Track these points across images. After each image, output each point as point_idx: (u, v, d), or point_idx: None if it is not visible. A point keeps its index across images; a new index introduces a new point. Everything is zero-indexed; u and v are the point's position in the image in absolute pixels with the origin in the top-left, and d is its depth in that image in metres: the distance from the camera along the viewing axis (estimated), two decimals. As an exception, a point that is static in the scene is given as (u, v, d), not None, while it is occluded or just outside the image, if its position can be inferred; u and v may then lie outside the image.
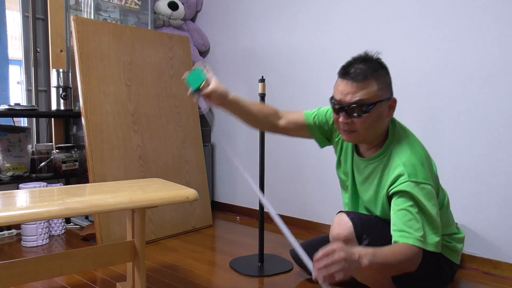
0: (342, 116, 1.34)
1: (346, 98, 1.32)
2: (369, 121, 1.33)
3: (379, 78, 1.33)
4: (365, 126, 1.34)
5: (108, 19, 3.05)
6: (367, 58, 1.36)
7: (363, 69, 1.31)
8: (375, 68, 1.33)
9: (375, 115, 1.33)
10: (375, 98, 1.31)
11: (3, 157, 2.50)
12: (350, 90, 1.31)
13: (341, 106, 1.34)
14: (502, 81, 1.98)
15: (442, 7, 2.15)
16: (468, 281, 1.95)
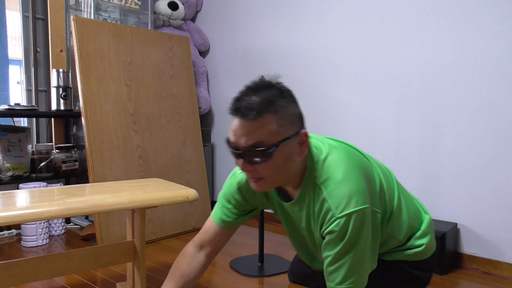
0: (241, 163, 1.05)
1: (241, 142, 1.03)
2: (274, 166, 1.04)
3: (279, 111, 1.02)
4: (270, 173, 1.05)
5: (108, 19, 3.05)
6: (262, 86, 1.05)
7: (256, 102, 1.01)
8: (272, 99, 1.02)
9: (281, 158, 1.04)
10: (277, 137, 1.02)
11: (3, 157, 2.50)
12: (243, 131, 1.02)
13: (237, 151, 1.05)
14: (502, 81, 1.98)
15: (442, 8, 2.15)
16: (468, 281, 1.95)
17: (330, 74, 2.63)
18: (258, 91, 1.04)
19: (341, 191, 1.05)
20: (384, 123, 2.39)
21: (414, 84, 2.27)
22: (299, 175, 1.13)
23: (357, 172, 1.09)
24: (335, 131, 2.60)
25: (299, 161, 1.10)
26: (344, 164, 1.09)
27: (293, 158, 1.07)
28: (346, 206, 1.04)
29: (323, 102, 2.66)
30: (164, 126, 2.72)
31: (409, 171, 2.29)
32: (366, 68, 2.45)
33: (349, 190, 1.05)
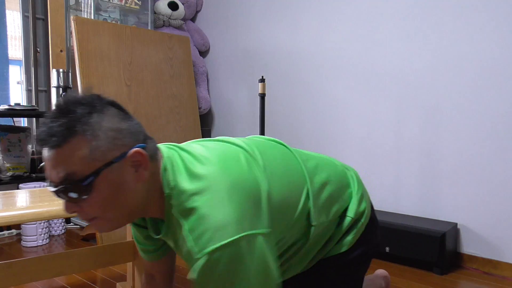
0: (64, 204, 0.80)
1: (52, 176, 0.78)
2: (101, 201, 0.78)
3: (90, 131, 0.76)
4: (100, 210, 0.80)
5: (108, 19, 3.05)
6: (68, 105, 0.78)
7: (58, 125, 0.76)
8: (79, 117, 0.77)
9: (108, 189, 0.78)
10: (94, 164, 0.76)
11: (3, 157, 2.50)
12: (51, 163, 0.77)
13: (52, 189, 0.80)
14: (502, 81, 1.98)
15: (442, 8, 2.15)
16: (468, 281, 1.95)
17: (330, 74, 2.63)
18: (62, 111, 0.78)
19: (203, 225, 0.78)
20: (384, 123, 2.39)
21: (414, 84, 2.27)
22: (156, 204, 0.86)
23: (226, 195, 0.81)
24: (335, 131, 2.60)
25: (141, 189, 0.82)
26: (209, 186, 0.81)
27: (128, 187, 0.80)
28: (211, 239, 0.76)
29: (323, 102, 2.66)
30: (164, 126, 2.72)
31: (409, 171, 2.29)
32: (366, 68, 2.45)
33: (214, 223, 0.77)
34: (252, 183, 0.86)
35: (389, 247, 2.12)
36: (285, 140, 2.89)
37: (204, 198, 0.80)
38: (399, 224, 2.09)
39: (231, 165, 0.87)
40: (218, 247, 0.76)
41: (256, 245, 0.80)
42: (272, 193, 0.90)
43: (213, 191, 0.81)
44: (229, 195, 0.81)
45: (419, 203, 2.27)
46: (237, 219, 0.79)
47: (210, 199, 0.80)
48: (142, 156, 0.80)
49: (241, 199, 0.82)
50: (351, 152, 2.53)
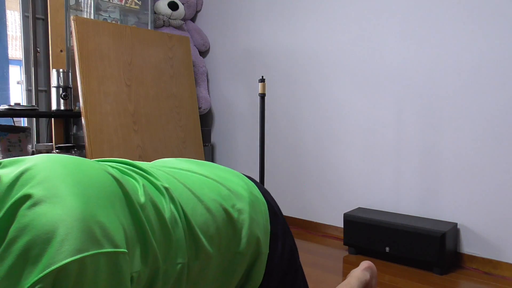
0: None
1: None
2: None
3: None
4: None
5: (108, 19, 3.05)
6: None
7: None
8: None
9: None
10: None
11: (3, 157, 2.50)
12: None
13: None
14: (502, 81, 1.98)
15: (442, 8, 2.15)
16: (468, 281, 1.95)
17: (331, 74, 2.63)
18: None
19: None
20: (384, 123, 2.39)
21: (414, 84, 2.27)
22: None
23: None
24: (335, 130, 2.60)
25: None
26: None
27: None
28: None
29: (323, 102, 2.66)
30: (164, 126, 2.72)
31: (409, 171, 2.29)
32: (366, 68, 2.45)
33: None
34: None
35: (389, 247, 2.12)
36: (285, 140, 2.89)
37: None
38: (399, 224, 2.09)
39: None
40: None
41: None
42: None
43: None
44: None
45: (419, 203, 2.27)
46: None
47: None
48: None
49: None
50: (351, 152, 2.53)
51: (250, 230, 0.90)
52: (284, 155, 2.93)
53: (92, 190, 0.64)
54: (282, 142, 2.92)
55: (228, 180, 0.95)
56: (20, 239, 0.57)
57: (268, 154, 3.01)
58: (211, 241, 0.81)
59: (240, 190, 0.94)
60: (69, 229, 0.58)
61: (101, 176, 0.68)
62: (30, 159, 0.69)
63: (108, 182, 0.68)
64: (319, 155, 2.69)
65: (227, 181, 0.95)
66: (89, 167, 0.69)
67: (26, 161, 0.68)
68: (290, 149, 2.88)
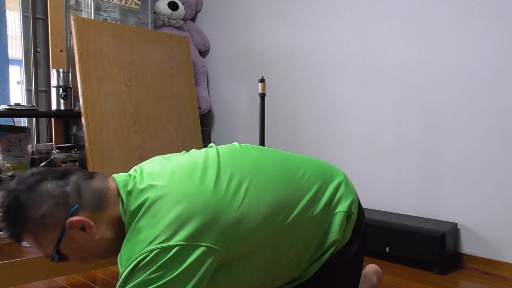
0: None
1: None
2: (75, 259, 1.00)
3: (28, 228, 0.94)
4: (80, 260, 1.02)
5: (108, 19, 3.05)
6: (7, 213, 0.97)
7: (12, 234, 0.96)
8: (16, 221, 0.95)
9: (72, 253, 0.98)
10: (48, 248, 0.96)
11: (3, 157, 2.50)
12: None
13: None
14: (502, 81, 1.98)
15: (442, 8, 2.15)
16: (468, 281, 1.95)
17: (331, 74, 2.63)
18: (6, 216, 0.95)
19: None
20: (384, 123, 2.39)
21: (414, 84, 2.27)
22: (120, 245, 0.97)
23: (169, 209, 0.90)
24: (335, 131, 2.60)
25: (100, 239, 0.97)
26: (154, 205, 0.92)
27: (88, 244, 0.97)
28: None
29: (324, 102, 2.66)
30: (164, 126, 2.72)
31: (409, 171, 2.29)
32: (366, 68, 2.46)
33: (148, 236, 0.88)
34: (197, 198, 0.93)
35: (389, 247, 2.12)
36: (285, 140, 2.89)
37: (147, 219, 0.90)
38: (399, 224, 2.09)
39: (182, 181, 0.96)
40: (150, 249, 0.85)
41: (191, 255, 0.87)
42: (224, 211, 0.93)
43: (158, 209, 0.91)
44: (171, 209, 0.90)
45: (419, 203, 2.27)
46: (171, 233, 0.87)
47: (152, 217, 0.90)
48: (78, 221, 0.92)
49: (182, 213, 0.90)
50: (351, 152, 2.53)
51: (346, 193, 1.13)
52: (284, 155, 2.92)
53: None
54: (282, 142, 2.92)
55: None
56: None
57: (268, 154, 3.00)
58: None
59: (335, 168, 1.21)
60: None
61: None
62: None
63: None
64: (319, 155, 2.69)
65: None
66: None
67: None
68: (290, 149, 2.88)
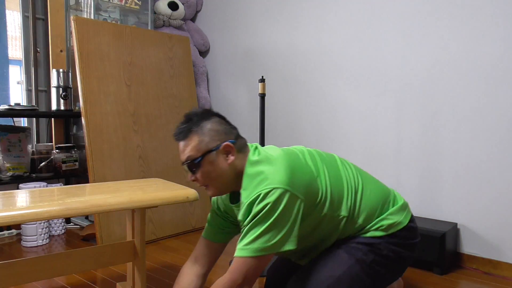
0: (188, 176, 1.35)
1: (182, 158, 1.33)
2: (206, 173, 1.30)
3: (200, 132, 1.29)
4: (206, 179, 1.31)
5: (108, 19, 3.05)
6: (189, 117, 1.34)
7: (183, 128, 1.31)
8: (195, 123, 1.31)
9: (209, 166, 1.29)
10: (200, 151, 1.28)
11: (3, 157, 2.50)
12: (181, 150, 1.33)
13: (183, 166, 1.35)
14: (502, 81, 1.98)
15: (442, 7, 2.15)
16: (468, 281, 1.95)
17: (330, 74, 2.63)
18: (186, 120, 1.33)
19: (258, 180, 1.23)
20: (384, 123, 2.39)
21: (414, 84, 2.27)
22: (240, 180, 1.31)
23: (281, 168, 1.24)
24: (335, 131, 2.60)
25: (230, 168, 1.31)
26: (270, 165, 1.26)
27: (222, 166, 1.30)
28: (258, 187, 1.21)
29: (323, 102, 2.66)
30: (164, 126, 2.72)
31: (409, 171, 2.29)
32: (366, 68, 2.46)
33: (266, 179, 1.22)
34: (304, 169, 1.30)
35: (389, 247, 2.12)
36: (285, 140, 2.89)
37: (268, 167, 1.25)
38: (399, 224, 2.09)
39: (291, 156, 1.31)
40: (257, 194, 1.20)
41: (293, 202, 1.21)
42: (317, 180, 1.31)
43: (276, 166, 1.25)
44: (285, 169, 1.24)
45: (419, 203, 2.27)
46: (286, 182, 1.21)
47: (272, 168, 1.24)
48: (230, 147, 1.30)
49: (293, 173, 1.24)
50: (351, 152, 2.53)
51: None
52: (284, 155, 2.92)
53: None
54: (282, 142, 2.92)
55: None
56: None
57: (268, 154, 3.01)
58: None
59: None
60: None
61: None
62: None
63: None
64: (319, 155, 2.69)
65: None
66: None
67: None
68: (290, 149, 2.88)
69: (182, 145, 1.31)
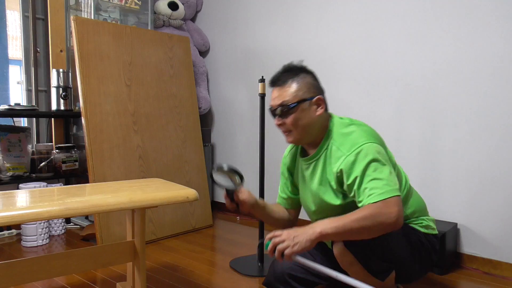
0: (276, 119, 1.47)
1: (274, 102, 1.46)
2: (295, 120, 1.42)
3: (299, 81, 1.44)
4: (294, 125, 1.43)
5: (108, 19, 3.05)
6: (288, 67, 1.49)
7: (283, 75, 1.45)
8: (295, 73, 1.46)
9: (300, 114, 1.42)
10: (296, 98, 1.41)
11: (3, 157, 2.50)
12: (275, 95, 1.45)
13: (272, 110, 1.48)
14: (502, 81, 1.98)
15: (442, 8, 2.15)
16: (468, 281, 1.95)
17: (330, 74, 2.63)
18: (286, 69, 1.48)
19: (353, 137, 1.37)
20: (384, 123, 2.39)
21: (414, 84, 2.27)
22: (320, 134, 1.47)
23: (373, 137, 1.39)
24: (335, 131, 2.60)
25: (317, 119, 1.45)
26: (360, 127, 1.42)
27: (311, 116, 1.44)
28: (358, 141, 1.35)
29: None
30: (164, 126, 2.72)
31: (409, 171, 2.29)
32: (366, 68, 2.45)
33: (362, 137, 1.37)
34: (383, 142, 1.46)
35: (389, 247, 2.12)
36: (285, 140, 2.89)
37: (360, 128, 1.41)
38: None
39: (368, 127, 1.47)
40: (365, 142, 1.34)
41: (386, 153, 1.40)
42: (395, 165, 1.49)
43: (360, 129, 1.41)
44: (373, 137, 1.40)
45: (419, 203, 2.27)
46: (379, 140, 1.41)
47: (364, 129, 1.41)
48: (322, 100, 1.46)
49: (379, 143, 1.40)
50: (351, 152, 2.53)
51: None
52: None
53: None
54: (282, 142, 2.93)
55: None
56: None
57: (268, 154, 3.01)
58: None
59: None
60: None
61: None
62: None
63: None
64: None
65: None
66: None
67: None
68: (290, 149, 2.89)
69: (278, 91, 1.44)
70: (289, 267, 1.58)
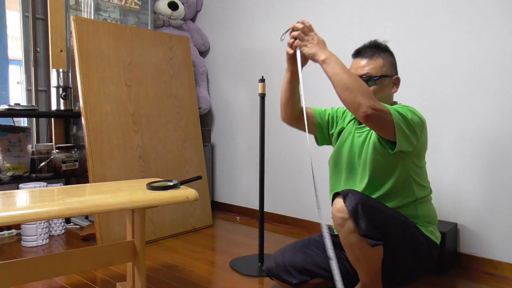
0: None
1: (357, 71, 1.59)
2: (375, 91, 1.53)
3: (384, 58, 1.58)
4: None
5: (108, 19, 3.05)
6: (375, 43, 1.63)
7: (371, 49, 1.60)
8: (382, 50, 1.60)
9: (380, 87, 1.57)
10: (380, 72, 1.57)
11: (3, 157, 2.50)
12: (360, 65, 1.59)
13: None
14: (502, 81, 1.98)
15: (442, 7, 2.15)
16: (468, 281, 1.95)
17: (330, 74, 2.62)
18: (372, 45, 1.61)
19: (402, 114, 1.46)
20: (384, 123, 2.38)
21: (414, 83, 2.27)
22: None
23: (425, 127, 1.56)
24: (335, 131, 2.60)
25: (391, 96, 1.62)
26: (418, 114, 1.50)
27: (387, 92, 1.60)
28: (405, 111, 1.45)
29: (323, 102, 2.66)
30: (164, 126, 2.72)
31: (409, 171, 2.29)
32: (366, 68, 2.45)
33: (416, 116, 1.49)
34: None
35: (389, 247, 2.12)
36: (285, 140, 2.89)
37: (412, 114, 1.48)
38: (399, 224, 2.09)
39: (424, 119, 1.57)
40: (404, 109, 1.46)
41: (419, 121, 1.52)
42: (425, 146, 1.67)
43: (417, 115, 1.49)
44: (424, 123, 1.56)
45: (419, 203, 2.26)
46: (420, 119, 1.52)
47: (415, 116, 1.48)
48: (398, 80, 1.64)
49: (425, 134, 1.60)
50: (351, 152, 2.53)
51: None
52: (284, 154, 2.93)
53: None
54: (282, 142, 2.93)
55: None
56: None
57: (268, 154, 3.01)
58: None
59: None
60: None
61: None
62: None
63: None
64: (319, 155, 2.69)
65: None
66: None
67: None
68: (290, 149, 2.89)
69: (365, 62, 1.58)
70: (290, 258, 1.64)
